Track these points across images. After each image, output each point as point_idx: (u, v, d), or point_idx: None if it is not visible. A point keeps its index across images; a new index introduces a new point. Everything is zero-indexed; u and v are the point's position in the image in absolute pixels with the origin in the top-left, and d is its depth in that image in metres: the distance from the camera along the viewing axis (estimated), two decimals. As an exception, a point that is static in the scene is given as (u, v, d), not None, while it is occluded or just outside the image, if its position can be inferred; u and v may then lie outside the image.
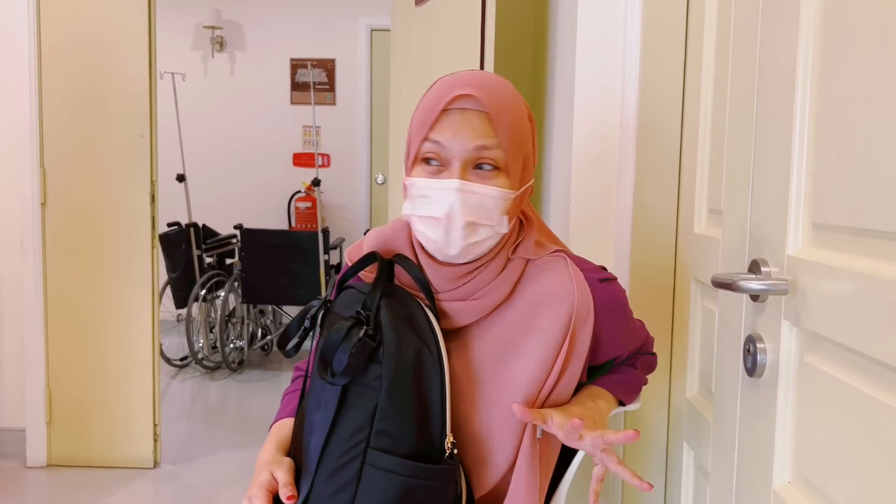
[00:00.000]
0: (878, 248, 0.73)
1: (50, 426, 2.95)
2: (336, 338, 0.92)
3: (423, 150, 0.98)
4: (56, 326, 2.92)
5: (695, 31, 1.50)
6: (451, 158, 0.96)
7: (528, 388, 0.99)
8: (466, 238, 0.97)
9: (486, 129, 0.96)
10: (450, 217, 0.96)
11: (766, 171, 0.95)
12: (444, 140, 0.96)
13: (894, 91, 0.69)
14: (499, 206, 0.98)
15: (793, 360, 0.89)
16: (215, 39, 5.35)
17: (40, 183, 2.86)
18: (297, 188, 5.42)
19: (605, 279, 1.06)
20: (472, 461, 1.02)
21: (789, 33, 0.89)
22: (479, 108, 0.96)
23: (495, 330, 1.03)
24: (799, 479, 0.88)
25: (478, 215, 0.96)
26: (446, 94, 0.97)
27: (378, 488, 0.89)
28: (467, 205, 0.96)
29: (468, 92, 0.96)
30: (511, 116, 0.98)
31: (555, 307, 1.01)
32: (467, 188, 0.96)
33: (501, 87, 1.00)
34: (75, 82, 2.85)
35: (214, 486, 2.83)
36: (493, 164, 0.97)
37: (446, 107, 0.97)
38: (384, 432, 0.90)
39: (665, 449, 1.62)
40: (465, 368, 1.02)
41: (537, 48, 2.66)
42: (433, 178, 0.98)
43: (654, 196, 1.58)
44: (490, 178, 0.97)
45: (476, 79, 0.98)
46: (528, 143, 1.02)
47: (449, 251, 0.98)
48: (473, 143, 0.95)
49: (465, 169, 0.96)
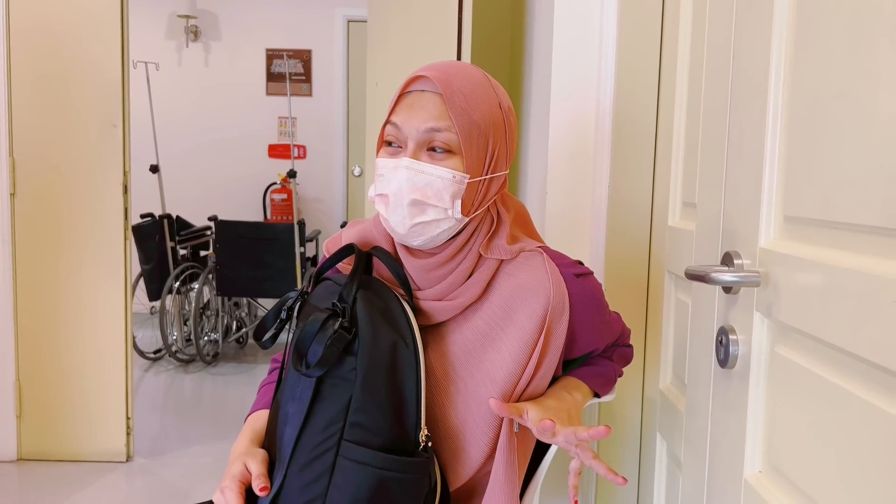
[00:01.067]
0: (847, 241, 0.74)
1: (20, 420, 2.91)
2: (311, 329, 0.92)
3: (386, 133, 1.00)
4: (26, 318, 2.88)
5: (670, 25, 1.51)
6: (406, 139, 0.98)
7: (504, 383, 1.00)
8: (414, 216, 0.97)
9: (439, 111, 0.96)
10: (397, 194, 0.97)
11: (739, 165, 0.96)
12: (400, 122, 0.98)
13: (864, 86, 0.70)
14: (449, 188, 0.97)
15: (764, 351, 0.90)
16: (190, 29, 5.28)
17: (9, 173, 2.81)
18: (272, 180, 5.38)
19: (581, 274, 1.07)
20: (448, 454, 1.02)
21: (763, 28, 0.90)
22: (434, 90, 0.97)
23: (472, 324, 1.03)
24: (769, 469, 0.89)
25: (425, 194, 0.97)
26: (408, 79, 0.99)
27: (351, 480, 0.89)
28: (414, 183, 0.96)
29: (424, 74, 0.97)
30: (469, 101, 0.97)
31: (531, 302, 1.01)
32: (415, 166, 0.96)
33: (465, 72, 1.00)
34: (45, 70, 2.80)
35: (188, 479, 2.81)
36: (444, 147, 0.97)
37: (403, 90, 0.99)
38: (358, 424, 0.90)
39: (639, 440, 1.64)
40: (440, 362, 1.02)
41: (514, 41, 2.66)
42: (388, 158, 0.99)
43: (629, 189, 1.59)
44: (441, 160, 0.97)
45: (439, 65, 1.00)
46: (497, 131, 1.01)
47: (398, 230, 0.99)
48: (424, 124, 0.96)
49: (419, 150, 0.97)
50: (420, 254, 1.03)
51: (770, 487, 0.88)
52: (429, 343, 1.03)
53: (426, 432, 0.94)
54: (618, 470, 1.64)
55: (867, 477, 0.69)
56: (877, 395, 0.68)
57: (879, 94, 0.68)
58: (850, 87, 0.72)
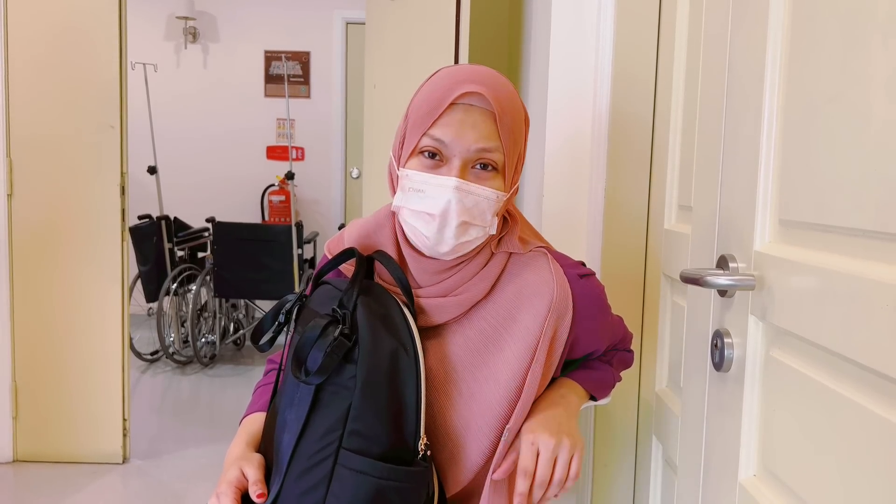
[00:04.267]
0: (841, 245, 0.74)
1: (16, 421, 2.91)
2: (311, 336, 0.90)
3: (423, 144, 0.96)
4: (23, 320, 2.87)
5: (666, 29, 1.51)
6: (451, 156, 0.95)
7: (507, 383, 0.99)
8: (458, 237, 0.96)
9: (490, 130, 0.94)
10: (445, 215, 0.94)
11: (734, 168, 0.96)
12: (447, 137, 0.94)
13: (858, 90, 0.70)
14: (492, 208, 0.97)
15: (759, 354, 0.90)
16: (188, 30, 5.28)
17: (7, 173, 2.80)
18: (270, 181, 5.38)
19: (584, 275, 1.07)
20: (446, 457, 1.02)
21: (758, 33, 0.90)
22: (486, 107, 0.95)
23: (474, 325, 1.02)
24: (764, 473, 0.89)
25: (472, 215, 0.95)
26: (454, 89, 0.94)
27: (349, 489, 0.88)
28: (463, 204, 0.94)
29: (477, 90, 0.94)
30: (512, 119, 0.97)
31: (535, 302, 1.01)
32: (465, 188, 0.94)
33: (506, 87, 0.98)
34: (43, 71, 2.80)
35: (184, 481, 2.81)
36: (493, 166, 0.96)
37: (453, 102, 0.94)
38: (357, 433, 0.89)
39: (634, 443, 1.64)
40: (442, 364, 1.01)
41: (512, 43, 2.66)
42: (430, 173, 0.95)
43: (626, 192, 1.59)
44: (488, 180, 0.96)
45: (484, 76, 0.96)
46: (522, 144, 1.01)
47: (440, 248, 0.97)
48: (476, 143, 0.94)
49: (465, 168, 0.95)
50: (429, 256, 1.02)
51: (764, 491, 0.88)
52: (430, 345, 1.02)
53: (425, 441, 0.94)
54: (613, 473, 1.64)
55: (861, 480, 0.69)
56: (871, 398, 0.68)
57: (873, 98, 0.68)
58: (845, 90, 0.73)
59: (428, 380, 1.00)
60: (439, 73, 1.00)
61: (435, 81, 0.98)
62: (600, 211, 1.63)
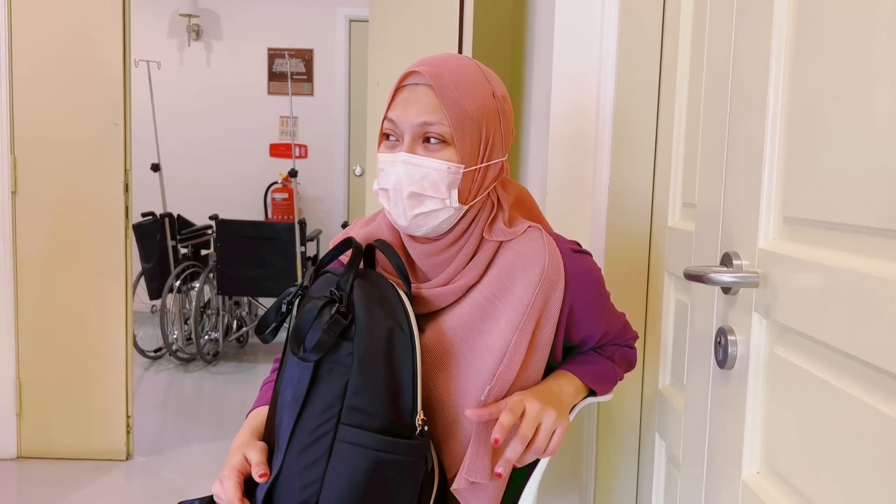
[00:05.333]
0: (846, 242, 0.74)
1: (20, 418, 2.91)
2: (309, 316, 0.93)
3: (384, 128, 1.03)
4: (27, 316, 2.88)
5: (671, 25, 1.50)
6: (402, 133, 1.01)
7: (501, 352, 1.01)
8: (413, 208, 1.00)
9: (432, 104, 0.99)
10: (396, 188, 1.00)
11: (738, 166, 0.95)
12: (396, 116, 1.01)
13: (863, 87, 0.70)
14: (444, 179, 1.00)
15: (763, 352, 0.90)
16: (191, 28, 5.29)
17: (11, 171, 2.81)
18: (273, 179, 5.39)
19: (578, 251, 1.09)
20: (444, 433, 1.04)
21: (762, 29, 0.90)
22: (427, 84, 0.99)
23: (470, 299, 1.05)
24: (768, 470, 0.89)
25: (422, 186, 0.99)
26: (402, 74, 1.02)
27: (348, 463, 0.90)
28: (411, 176, 0.99)
29: (416, 69, 1.00)
30: (461, 92, 0.99)
31: (527, 271, 1.03)
32: (411, 160, 0.99)
33: (456, 64, 1.02)
34: (47, 68, 2.80)
35: (188, 478, 2.81)
36: (439, 138, 0.99)
37: (399, 84, 1.02)
38: (355, 408, 0.91)
39: (637, 440, 1.64)
40: (438, 339, 1.04)
41: (515, 39, 2.66)
42: (387, 153, 1.02)
43: (630, 189, 1.59)
44: (436, 152, 1.00)
45: (431, 59, 1.03)
46: (490, 120, 1.03)
47: (400, 222, 1.02)
48: (418, 118, 0.99)
49: (415, 142, 1.00)
50: (423, 240, 1.06)
51: (768, 488, 0.88)
52: (427, 323, 1.05)
53: (422, 416, 0.96)
54: (616, 470, 1.64)
55: (865, 478, 0.69)
56: (875, 396, 0.68)
57: (878, 95, 0.68)
58: (849, 87, 0.72)
59: (425, 356, 1.03)
60: None
61: None
62: (604, 208, 1.62)
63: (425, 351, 1.03)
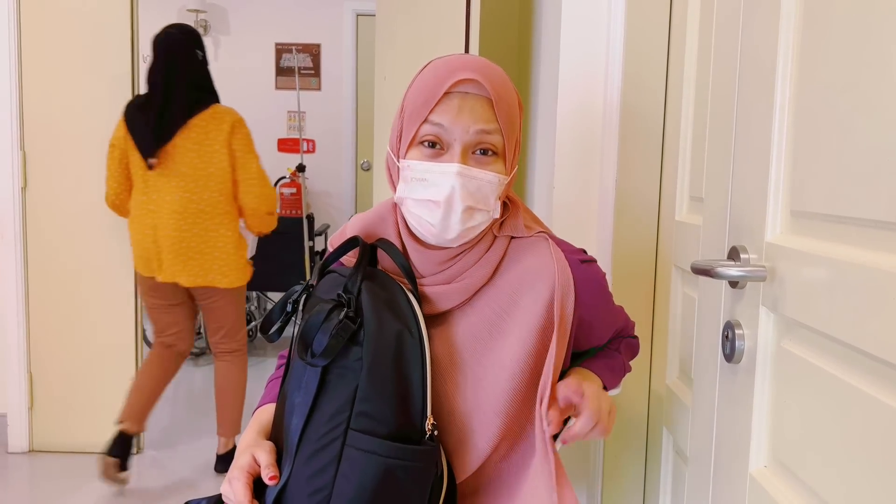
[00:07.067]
0: (853, 236, 0.74)
1: (32, 411, 2.94)
2: (316, 320, 0.92)
3: (422, 133, 0.97)
4: (37, 311, 2.90)
5: (678, 18, 1.50)
6: (451, 142, 0.96)
7: (512, 367, 1.00)
8: (464, 223, 0.97)
9: (487, 114, 0.96)
10: (449, 201, 0.96)
11: (745, 160, 0.95)
12: (446, 123, 0.95)
13: (871, 80, 0.70)
14: (494, 191, 0.99)
15: (770, 346, 0.90)
16: (199, 23, 5.29)
17: (20, 167, 2.83)
18: (281, 174, 5.38)
19: (585, 260, 1.08)
20: (454, 442, 1.02)
21: (770, 22, 0.90)
22: (482, 93, 0.96)
23: (478, 311, 1.03)
24: (775, 464, 0.89)
25: (476, 200, 0.97)
26: (448, 77, 0.96)
27: (358, 469, 0.89)
28: (467, 189, 0.96)
29: (472, 76, 0.95)
30: (508, 104, 0.98)
31: (536, 285, 1.02)
32: (468, 172, 0.96)
33: (499, 73, 1.00)
34: (56, 65, 2.81)
35: (197, 471, 2.83)
36: (493, 150, 0.97)
37: (449, 90, 0.96)
38: (364, 414, 0.90)
39: (645, 434, 1.64)
40: (447, 350, 1.02)
41: (522, 34, 2.65)
42: (432, 162, 0.97)
43: (637, 184, 1.59)
44: (489, 164, 0.98)
45: (477, 64, 0.98)
46: (518, 129, 1.03)
47: (446, 235, 0.98)
48: (475, 126, 0.95)
49: (466, 153, 0.96)
50: (432, 247, 1.03)
51: (775, 482, 0.88)
52: (435, 332, 1.03)
53: (432, 421, 0.95)
54: (623, 463, 1.64)
55: (872, 473, 0.69)
56: (883, 390, 0.68)
57: (886, 88, 0.67)
58: (857, 80, 0.72)
59: (434, 367, 1.01)
60: (432, 64, 1.01)
61: (429, 72, 1.00)
62: (611, 202, 1.62)
63: (434, 360, 1.01)
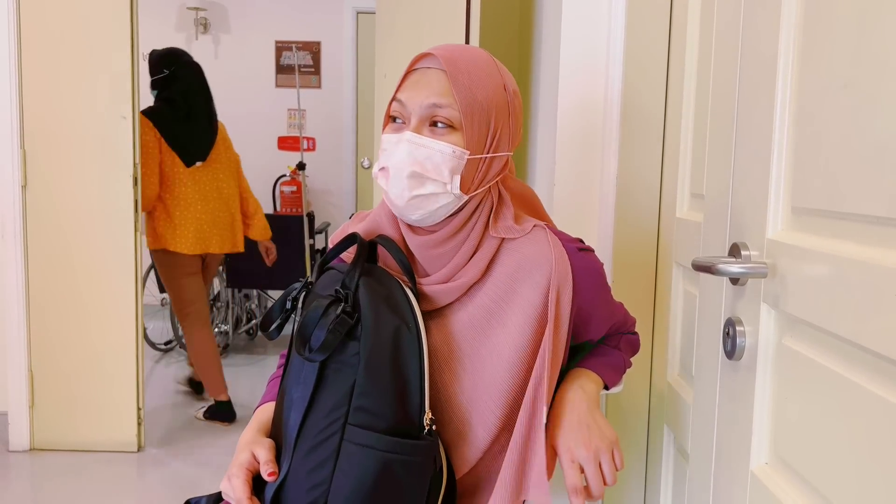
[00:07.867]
0: (854, 232, 0.73)
1: (33, 410, 2.94)
2: (314, 315, 0.93)
3: (391, 110, 1.02)
4: (38, 309, 2.90)
5: (679, 14, 1.50)
6: (409, 115, 0.99)
7: (510, 357, 1.00)
8: (412, 189, 0.98)
9: (442, 87, 0.98)
10: (397, 166, 0.98)
11: (746, 156, 0.95)
12: (404, 98, 1.00)
13: (872, 76, 0.70)
14: (448, 163, 0.98)
15: (771, 343, 0.90)
16: (199, 21, 5.29)
17: (21, 165, 2.83)
18: (281, 172, 5.39)
19: (583, 248, 1.08)
20: (454, 435, 1.03)
21: (771, 19, 0.89)
22: (439, 68, 0.99)
23: (476, 301, 1.03)
24: (776, 461, 0.89)
25: (424, 167, 0.98)
26: (414, 57, 1.02)
27: (356, 464, 0.90)
28: (414, 156, 0.98)
29: (430, 52, 1.00)
30: (473, 79, 0.99)
31: (534, 274, 1.02)
32: (416, 140, 0.98)
33: (471, 53, 1.02)
34: (56, 63, 2.81)
35: (199, 469, 2.83)
36: (446, 122, 0.98)
37: (410, 67, 1.02)
38: (362, 408, 0.91)
39: (646, 431, 1.64)
40: (446, 341, 1.03)
41: (523, 32, 2.65)
42: (392, 133, 1.01)
43: (638, 180, 1.58)
44: (443, 136, 0.99)
45: (447, 45, 1.02)
46: (500, 112, 1.02)
47: (397, 202, 1.00)
48: (427, 99, 0.98)
49: (422, 124, 0.99)
50: (421, 231, 1.04)
51: (776, 479, 0.88)
52: (432, 324, 1.03)
53: (430, 415, 0.95)
54: (625, 461, 1.64)
55: (874, 469, 0.69)
56: (884, 386, 0.68)
57: (886, 85, 0.67)
58: (858, 76, 0.72)
59: (432, 358, 1.01)
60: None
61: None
62: (612, 199, 1.62)
63: (431, 352, 1.01)
